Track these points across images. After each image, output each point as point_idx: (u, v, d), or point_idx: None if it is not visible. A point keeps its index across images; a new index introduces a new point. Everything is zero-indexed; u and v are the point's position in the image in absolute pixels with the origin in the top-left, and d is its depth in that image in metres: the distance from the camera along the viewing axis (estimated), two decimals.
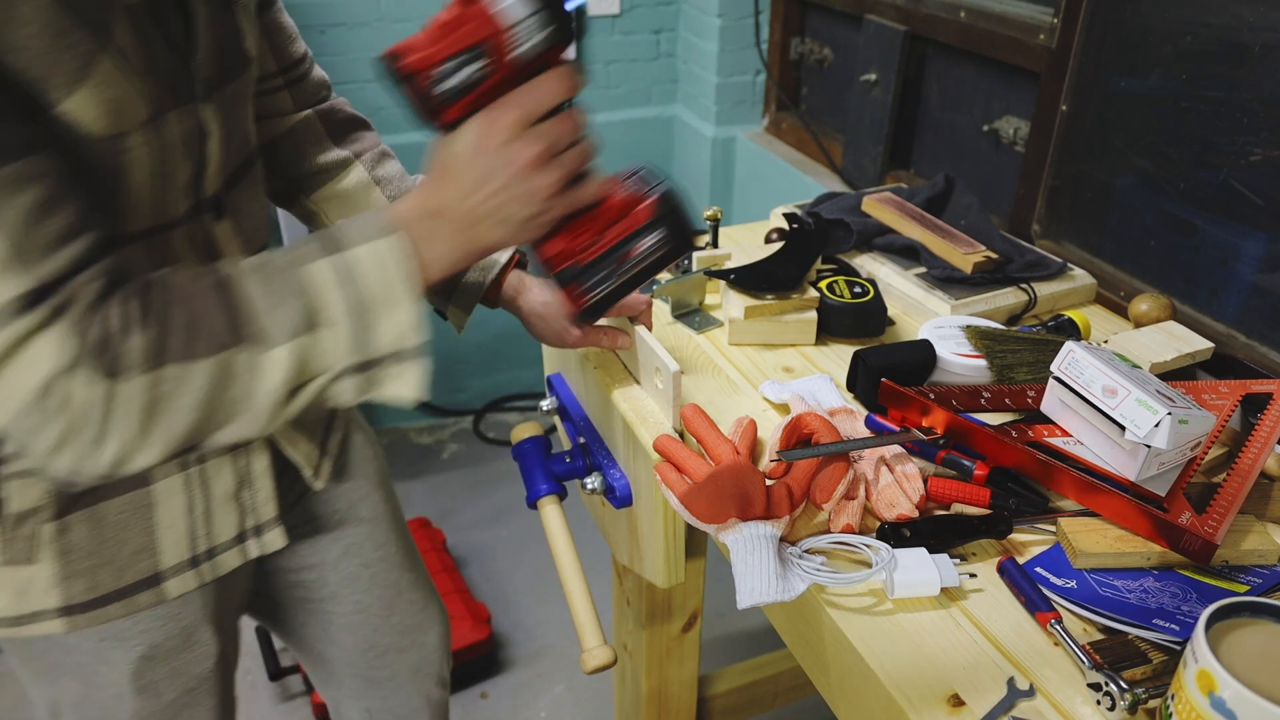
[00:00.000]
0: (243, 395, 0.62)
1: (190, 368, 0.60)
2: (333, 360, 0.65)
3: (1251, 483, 0.85)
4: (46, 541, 0.78)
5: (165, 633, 0.86)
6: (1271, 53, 1.09)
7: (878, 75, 1.82)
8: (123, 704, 0.88)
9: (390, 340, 0.66)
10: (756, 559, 0.78)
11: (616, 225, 0.76)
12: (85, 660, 0.84)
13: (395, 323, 0.66)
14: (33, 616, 0.80)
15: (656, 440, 0.94)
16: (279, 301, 0.63)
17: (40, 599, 0.79)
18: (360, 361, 0.66)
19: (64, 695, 0.88)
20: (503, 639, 2.04)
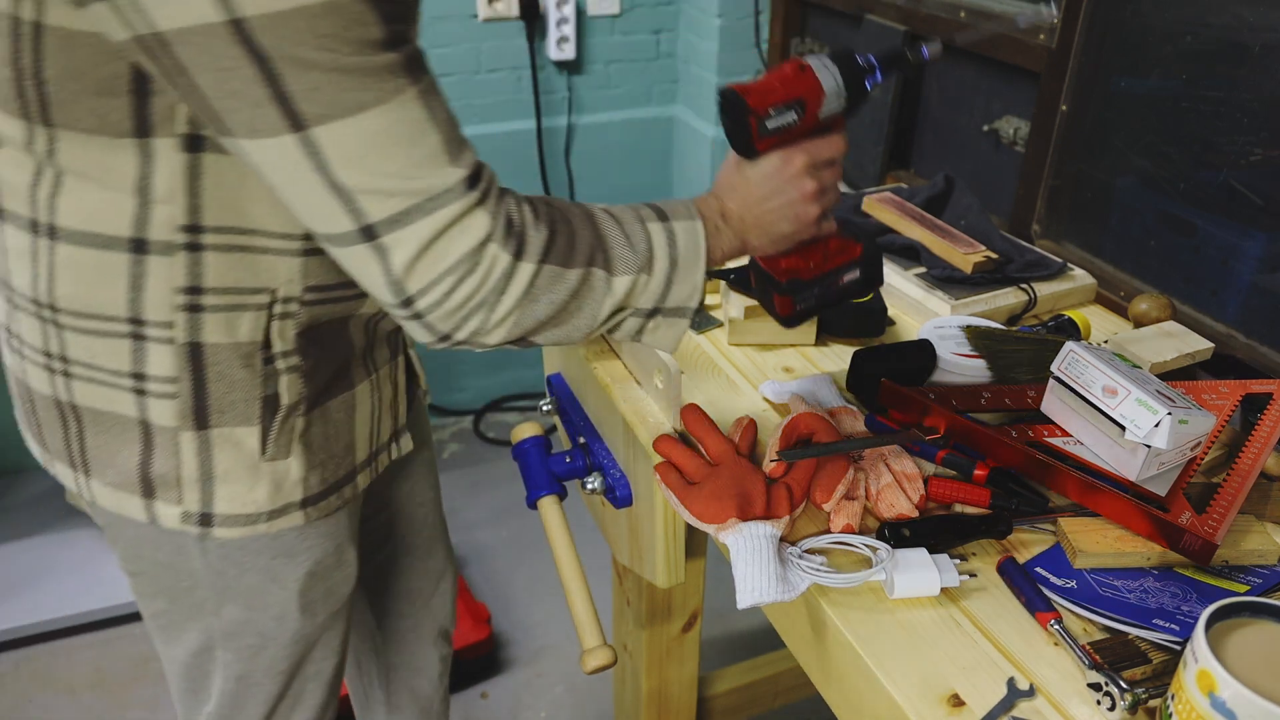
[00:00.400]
0: (586, 306, 0.76)
1: (564, 272, 0.73)
2: (642, 300, 0.79)
3: (1251, 483, 0.85)
4: (298, 436, 0.85)
5: (324, 549, 0.92)
6: (1271, 53, 1.09)
7: None
8: (284, 625, 0.93)
9: (680, 298, 0.80)
10: (756, 559, 0.78)
11: (835, 258, 0.95)
12: (257, 581, 0.89)
13: (688, 285, 0.80)
14: (283, 510, 0.87)
15: (656, 440, 0.94)
16: (629, 243, 0.77)
17: (290, 492, 0.86)
18: (653, 307, 0.80)
19: (223, 625, 0.92)
20: (503, 639, 2.04)
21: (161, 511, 0.84)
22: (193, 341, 0.78)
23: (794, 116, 0.83)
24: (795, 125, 0.84)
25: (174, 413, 0.80)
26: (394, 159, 0.65)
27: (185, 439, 0.81)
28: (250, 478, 0.84)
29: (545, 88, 2.37)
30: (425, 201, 0.67)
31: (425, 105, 0.66)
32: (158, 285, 0.75)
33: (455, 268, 0.68)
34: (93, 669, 1.94)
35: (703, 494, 0.85)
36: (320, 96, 0.62)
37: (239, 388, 0.81)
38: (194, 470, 0.83)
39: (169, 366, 0.79)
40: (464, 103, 2.32)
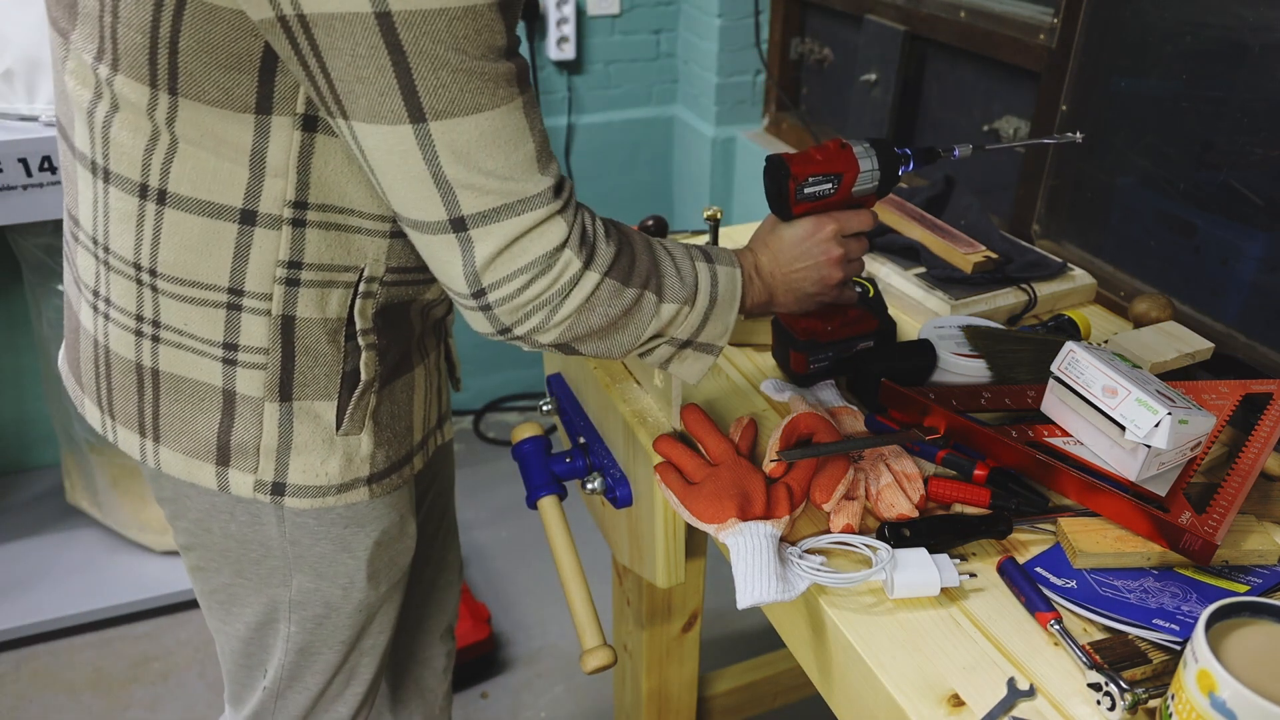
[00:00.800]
0: (633, 324, 0.81)
1: (623, 289, 0.78)
2: (679, 331, 0.84)
3: (1251, 483, 0.85)
4: (370, 413, 0.88)
5: (390, 519, 0.95)
6: (1271, 53, 1.09)
7: (878, 75, 1.82)
8: (350, 594, 0.95)
9: (712, 335, 0.87)
10: (756, 559, 0.78)
11: (852, 327, 1.06)
12: (328, 550, 0.92)
13: (721, 325, 0.87)
14: (351, 484, 0.89)
15: (656, 440, 0.94)
16: (679, 275, 0.83)
17: (359, 467, 0.89)
18: (687, 339, 0.86)
19: (291, 594, 0.94)
20: (503, 639, 2.04)
21: (235, 479, 0.86)
22: (286, 315, 0.81)
23: (830, 187, 0.93)
24: (829, 195, 0.94)
25: (261, 383, 0.83)
26: (496, 159, 0.70)
27: (269, 410, 0.84)
28: (325, 450, 0.87)
29: (545, 88, 2.37)
30: (516, 202, 0.72)
31: (527, 115, 0.72)
32: (261, 257, 0.78)
33: (530, 267, 0.73)
34: (93, 669, 1.94)
35: (703, 494, 0.85)
36: (445, 93, 0.67)
37: (323, 362, 0.84)
38: (273, 440, 0.85)
39: (262, 338, 0.81)
40: None
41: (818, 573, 0.79)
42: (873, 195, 0.97)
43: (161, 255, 0.79)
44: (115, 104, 0.75)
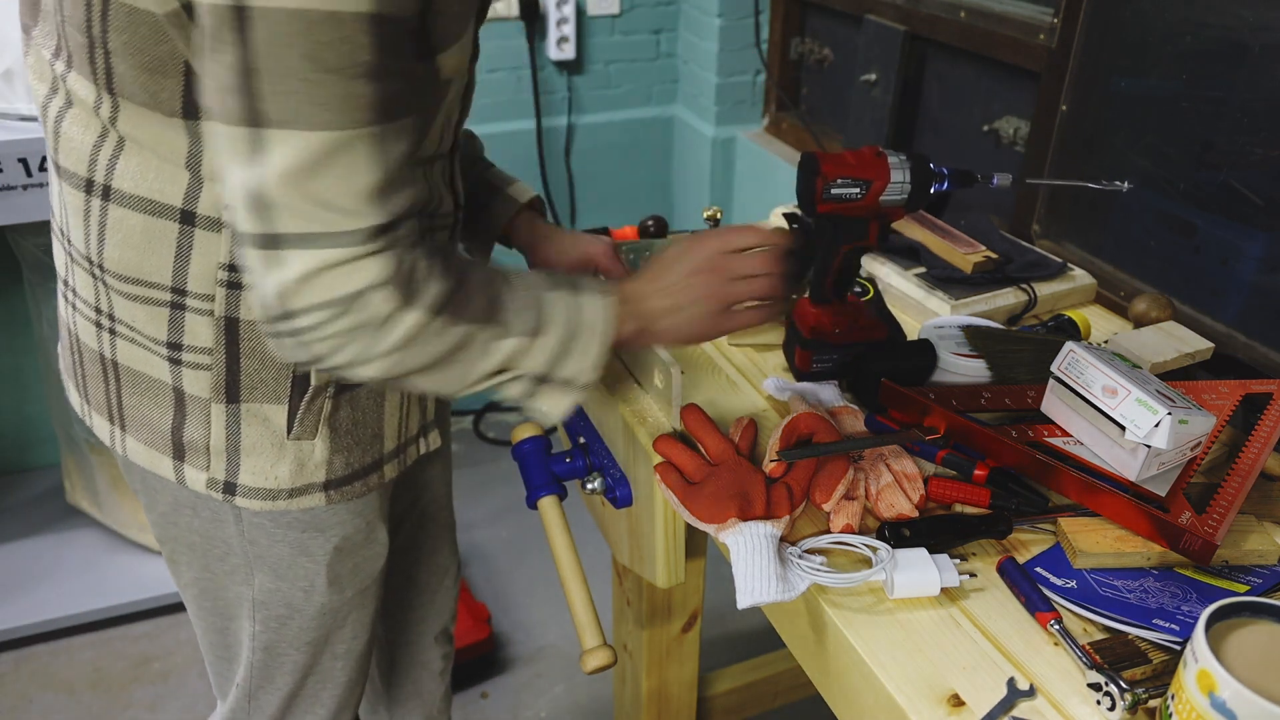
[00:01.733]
0: (466, 363, 0.77)
1: (450, 327, 0.74)
2: (530, 364, 0.79)
3: (1251, 483, 0.85)
4: (325, 418, 0.86)
5: (354, 525, 0.93)
6: (1271, 53, 1.09)
7: (878, 75, 1.82)
8: (311, 597, 0.94)
9: (572, 370, 0.80)
10: (756, 559, 0.78)
11: (862, 332, 1.05)
12: (286, 552, 0.91)
13: (583, 359, 0.80)
14: (305, 489, 0.88)
15: (657, 440, 0.94)
16: (524, 306, 0.78)
17: (313, 473, 0.88)
18: (543, 374, 0.80)
19: (254, 593, 0.94)
20: (503, 639, 2.04)
21: (190, 475, 0.87)
22: (230, 316, 0.80)
23: (857, 192, 0.94)
24: (856, 200, 0.94)
25: (206, 384, 0.83)
26: (326, 184, 0.66)
27: (215, 410, 0.84)
28: (275, 454, 0.86)
29: (545, 88, 2.37)
30: (334, 233, 0.68)
31: (379, 147, 0.67)
32: (202, 258, 0.78)
33: (336, 302, 0.70)
34: (93, 669, 1.94)
35: (703, 494, 0.85)
36: (286, 103, 0.63)
37: (271, 365, 0.83)
38: (221, 440, 0.85)
39: (205, 338, 0.81)
40: None
41: (818, 573, 0.79)
42: (900, 208, 0.97)
43: (107, 251, 0.79)
44: (69, 100, 0.76)
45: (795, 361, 1.08)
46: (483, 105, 2.34)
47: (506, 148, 2.39)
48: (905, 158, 0.95)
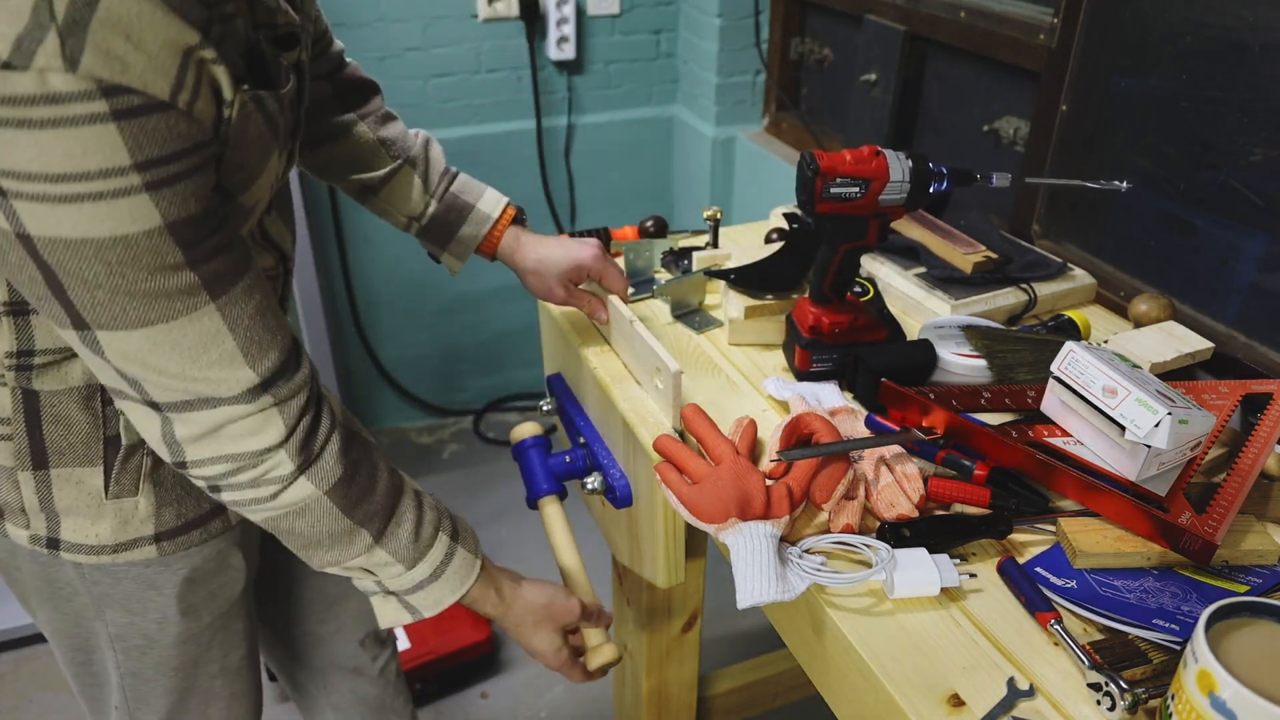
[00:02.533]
0: (336, 550, 0.81)
1: (341, 516, 0.79)
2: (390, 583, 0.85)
3: (1251, 483, 0.85)
4: (145, 474, 0.85)
5: (203, 556, 0.92)
6: (1271, 53, 1.09)
7: (878, 75, 1.82)
8: (166, 628, 0.93)
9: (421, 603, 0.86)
10: (756, 559, 0.78)
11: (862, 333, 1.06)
12: (133, 588, 0.90)
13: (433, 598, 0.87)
14: (132, 544, 0.87)
15: (657, 440, 0.94)
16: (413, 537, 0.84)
17: (139, 527, 0.87)
18: (395, 592, 0.86)
19: (109, 628, 0.93)
20: (503, 639, 2.04)
21: (11, 531, 0.86)
22: (26, 389, 0.79)
23: (856, 191, 0.94)
24: (856, 199, 0.95)
25: (9, 453, 0.82)
26: (176, 362, 0.67)
27: (23, 478, 0.83)
28: (94, 513, 0.85)
29: (545, 88, 2.37)
30: (210, 399, 0.69)
31: (223, 316, 0.68)
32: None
33: (236, 458, 0.72)
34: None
35: (703, 494, 0.85)
36: (103, 311, 0.64)
37: (78, 430, 0.81)
38: (35, 503, 0.84)
39: (3, 409, 0.80)
40: (464, 103, 2.32)
41: (817, 573, 0.79)
42: (900, 207, 0.97)
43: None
44: None
45: (795, 361, 1.08)
46: (483, 105, 2.34)
47: (506, 148, 2.39)
48: (904, 157, 0.95)
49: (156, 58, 0.59)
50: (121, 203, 0.60)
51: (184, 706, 0.99)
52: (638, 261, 1.29)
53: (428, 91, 2.27)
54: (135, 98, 0.58)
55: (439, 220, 1.09)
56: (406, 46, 2.20)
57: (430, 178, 1.08)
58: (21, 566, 0.90)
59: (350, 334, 2.50)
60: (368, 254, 2.41)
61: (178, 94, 0.60)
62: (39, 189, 0.58)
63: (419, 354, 2.62)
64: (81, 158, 0.58)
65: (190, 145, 0.62)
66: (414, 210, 1.08)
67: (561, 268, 1.08)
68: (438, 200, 1.08)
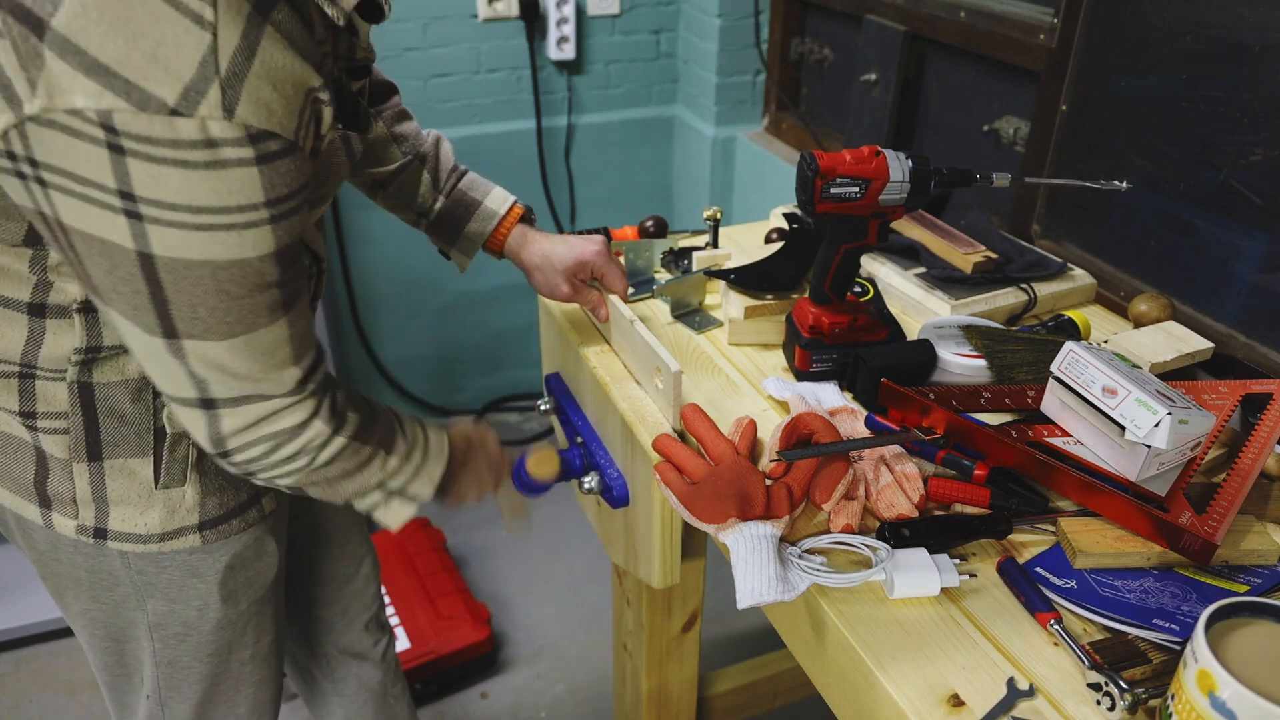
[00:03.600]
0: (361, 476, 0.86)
1: (361, 447, 0.84)
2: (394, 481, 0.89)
3: (1251, 483, 0.85)
4: (192, 464, 0.90)
5: (242, 543, 0.96)
6: (1271, 53, 1.09)
7: (878, 75, 1.82)
8: (207, 614, 0.97)
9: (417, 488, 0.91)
10: (757, 559, 0.78)
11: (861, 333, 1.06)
12: (176, 576, 0.94)
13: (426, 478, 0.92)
14: (179, 532, 0.91)
15: (656, 440, 0.94)
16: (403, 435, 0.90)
17: (185, 516, 0.91)
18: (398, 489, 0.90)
19: (148, 617, 0.96)
20: (503, 639, 2.04)
21: (58, 522, 0.89)
22: (83, 381, 0.83)
23: (856, 191, 0.94)
24: (855, 199, 0.95)
25: (65, 446, 0.85)
26: (248, 365, 0.73)
27: (78, 469, 0.86)
28: (144, 503, 0.89)
29: (545, 88, 2.37)
30: (262, 394, 0.76)
31: (289, 326, 0.74)
32: (56, 342, 0.81)
33: (275, 436, 0.78)
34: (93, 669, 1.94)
35: (703, 494, 0.85)
36: (200, 323, 0.69)
37: (130, 422, 0.86)
38: (87, 494, 0.87)
39: (59, 403, 0.84)
40: (464, 103, 2.32)
41: (817, 573, 0.79)
42: (900, 207, 0.97)
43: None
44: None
45: (795, 361, 1.08)
46: (483, 105, 2.34)
47: (506, 148, 2.39)
48: (904, 157, 0.95)
49: (292, 102, 0.65)
50: (249, 233, 0.66)
51: (215, 693, 1.03)
52: (638, 261, 1.29)
53: (428, 91, 2.27)
54: (275, 142, 0.64)
55: (447, 216, 1.11)
56: (406, 46, 2.20)
57: (439, 174, 1.11)
58: (63, 558, 0.92)
59: (350, 334, 2.50)
60: (368, 254, 2.41)
61: (299, 133, 0.67)
62: (178, 218, 0.64)
63: (419, 354, 2.62)
64: (226, 195, 0.64)
65: (305, 180, 0.69)
66: (423, 206, 1.11)
67: (566, 264, 1.09)
68: (445, 196, 1.10)
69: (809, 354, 1.06)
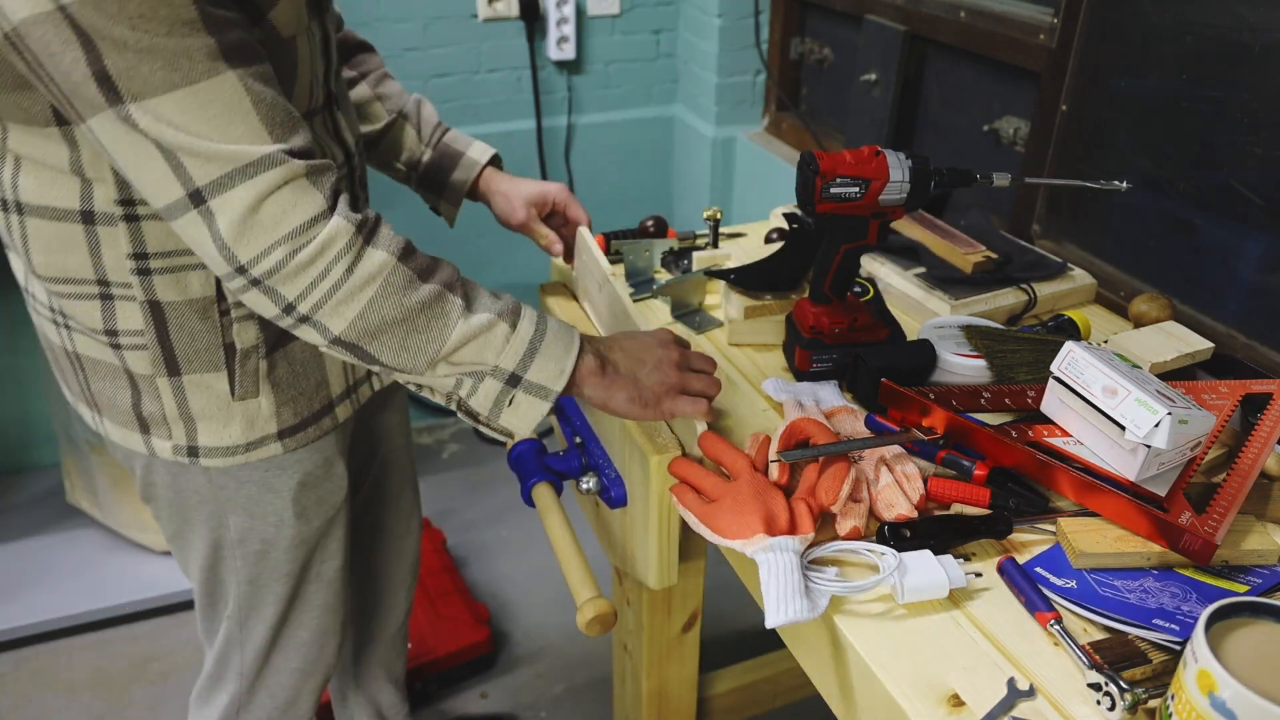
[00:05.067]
0: (435, 326, 0.79)
1: (418, 281, 0.78)
2: (495, 355, 0.81)
3: (1251, 483, 0.85)
4: (263, 376, 0.94)
5: (314, 462, 1.02)
6: (1271, 53, 1.09)
7: (878, 75, 1.82)
8: (283, 529, 1.03)
9: (539, 375, 0.83)
10: (788, 577, 0.77)
11: (860, 332, 1.06)
12: (254, 492, 1.00)
13: (550, 366, 0.83)
14: (260, 441, 0.97)
15: (671, 464, 0.93)
16: (493, 295, 0.83)
17: (264, 426, 0.96)
18: (511, 373, 0.82)
19: (230, 534, 1.02)
20: (503, 639, 2.04)
21: (157, 445, 0.96)
22: (151, 300, 0.87)
23: (856, 191, 0.94)
24: (856, 199, 0.95)
25: (148, 361, 0.90)
26: (211, 128, 0.71)
27: (162, 384, 0.92)
28: (224, 416, 0.94)
29: (545, 88, 2.37)
30: (245, 166, 0.72)
31: (244, 88, 0.72)
32: (110, 251, 0.84)
33: (289, 237, 0.74)
34: (93, 669, 1.94)
35: (724, 510, 0.83)
36: (135, 74, 0.68)
37: (200, 338, 0.90)
38: (174, 410, 0.93)
39: (136, 321, 0.88)
40: (464, 103, 2.32)
41: (834, 584, 0.78)
42: (900, 207, 0.97)
43: (35, 259, 0.86)
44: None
45: (795, 361, 1.08)
46: (483, 105, 2.34)
47: (506, 147, 2.37)
48: (904, 156, 0.95)
49: None
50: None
51: (290, 614, 1.10)
52: (638, 261, 1.29)
53: (428, 91, 2.27)
54: None
55: (434, 167, 1.19)
56: (406, 46, 2.20)
57: (423, 129, 1.19)
58: (157, 481, 1.00)
59: None
60: None
61: None
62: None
63: None
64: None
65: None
66: (411, 158, 1.19)
67: (529, 194, 1.19)
68: (432, 149, 1.19)
69: (809, 354, 1.05)
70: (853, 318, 1.05)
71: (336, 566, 1.11)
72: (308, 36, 0.86)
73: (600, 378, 0.86)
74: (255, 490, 1.00)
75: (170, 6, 0.67)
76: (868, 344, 1.06)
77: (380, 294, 0.77)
